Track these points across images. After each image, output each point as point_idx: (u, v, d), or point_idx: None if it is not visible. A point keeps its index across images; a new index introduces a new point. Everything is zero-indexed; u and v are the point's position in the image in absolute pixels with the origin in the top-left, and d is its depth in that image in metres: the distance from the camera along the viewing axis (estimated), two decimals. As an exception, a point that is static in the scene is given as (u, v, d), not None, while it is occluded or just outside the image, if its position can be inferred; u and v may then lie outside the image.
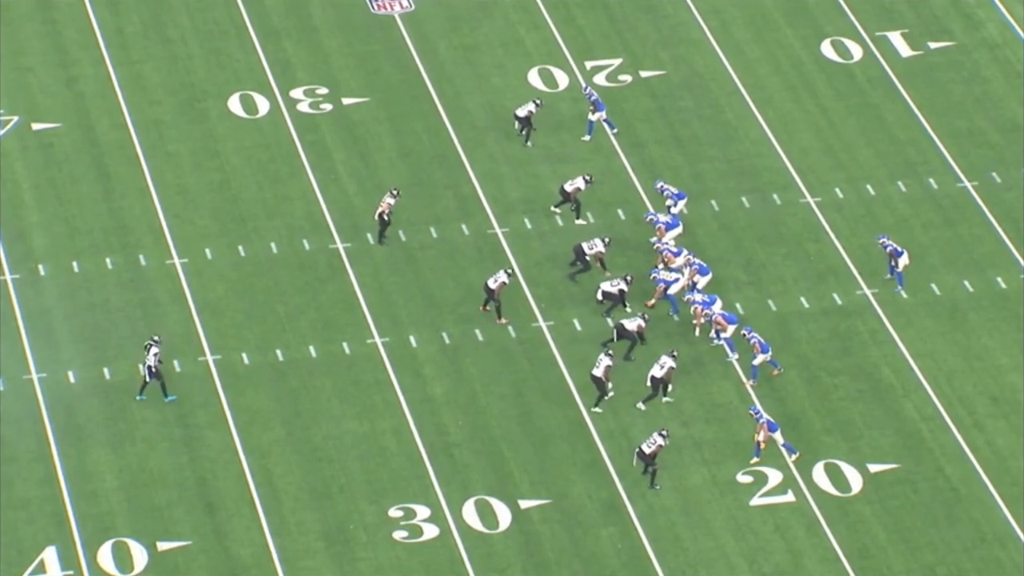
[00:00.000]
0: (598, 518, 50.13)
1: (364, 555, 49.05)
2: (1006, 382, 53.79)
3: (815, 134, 60.77)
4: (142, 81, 61.38)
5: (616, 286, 54.41)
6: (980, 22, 64.67)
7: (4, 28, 62.83)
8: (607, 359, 52.34)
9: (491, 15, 64.19)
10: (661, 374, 52.26)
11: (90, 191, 58.08)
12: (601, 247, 55.26)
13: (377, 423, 52.07)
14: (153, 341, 52.39)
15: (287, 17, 63.78)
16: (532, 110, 59.03)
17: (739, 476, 51.21)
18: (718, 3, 64.83)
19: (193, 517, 49.70)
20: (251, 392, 52.61)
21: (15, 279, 55.44)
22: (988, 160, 60.11)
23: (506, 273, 54.61)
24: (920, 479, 51.35)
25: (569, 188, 57.17)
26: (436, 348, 54.10)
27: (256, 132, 59.98)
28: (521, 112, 59.04)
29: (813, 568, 49.21)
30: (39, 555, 48.75)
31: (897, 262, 54.98)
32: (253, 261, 56.22)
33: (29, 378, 52.78)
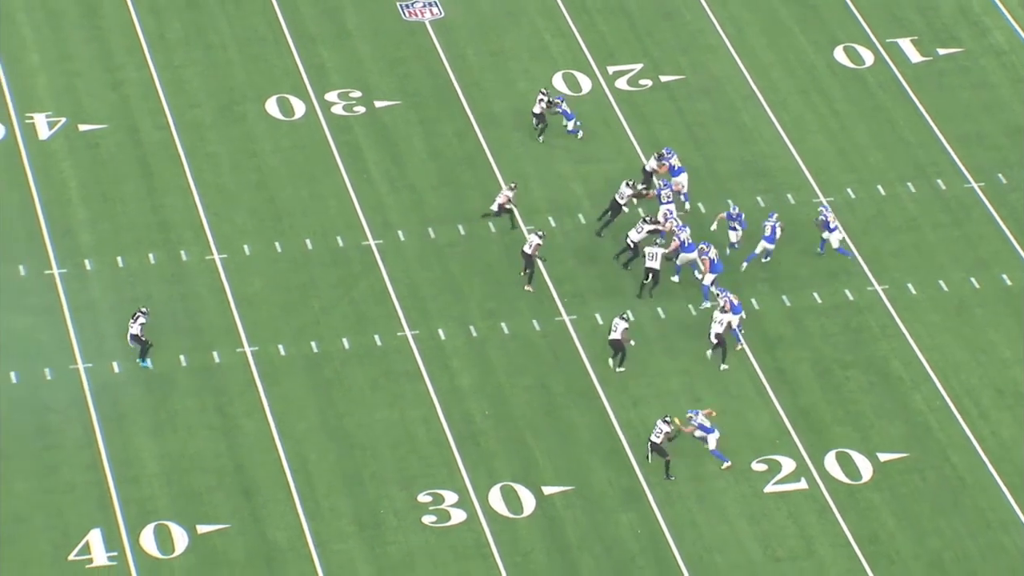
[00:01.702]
0: (618, 504, 50.23)
1: (394, 539, 49.19)
2: (1010, 375, 53.82)
3: (827, 136, 60.79)
4: (183, 85, 61.53)
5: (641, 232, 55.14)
6: (987, 29, 64.65)
7: (53, 34, 63.02)
8: (623, 323, 52.60)
9: (517, 22, 64.28)
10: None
11: (134, 190, 58.24)
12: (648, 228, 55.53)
13: (407, 412, 52.20)
14: (141, 312, 52.56)
15: (322, 23, 63.91)
16: (544, 105, 58.93)
17: (754, 464, 51.28)
18: (734, 10, 64.86)
19: (231, 501, 49.88)
20: (287, 382, 52.76)
21: (63, 273, 55.62)
22: (994, 162, 60.10)
23: (538, 235, 54.83)
24: (928, 468, 51.40)
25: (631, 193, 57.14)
26: (463, 341, 54.21)
27: (292, 133, 60.10)
28: (536, 109, 58.98)
29: (824, 553, 49.27)
30: (85, 537, 48.95)
31: (831, 238, 54.83)
32: (289, 257, 56.36)
33: (75, 368, 52.97)
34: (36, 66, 61.90)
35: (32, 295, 54.86)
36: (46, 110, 60.55)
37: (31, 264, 55.79)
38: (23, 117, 60.22)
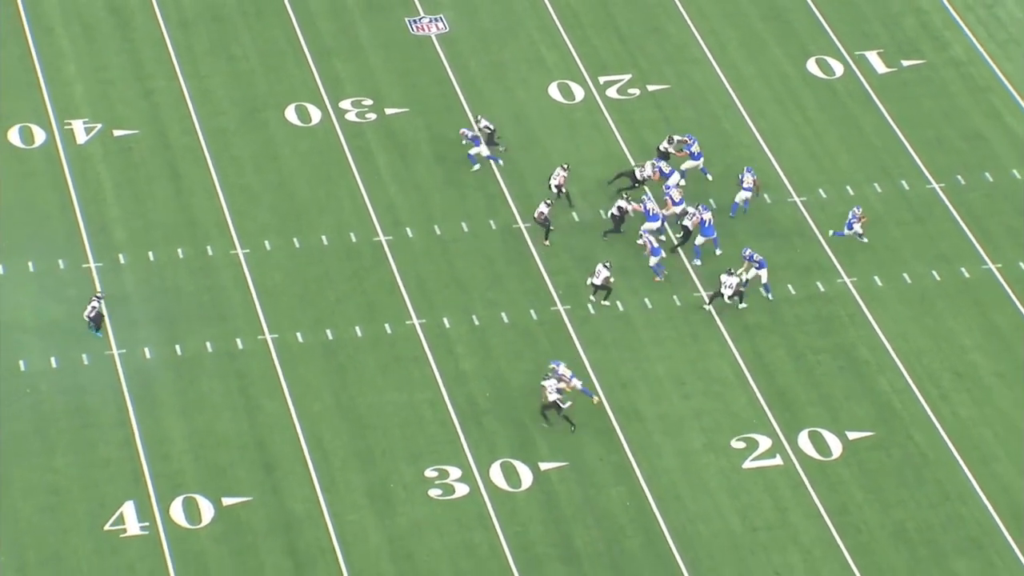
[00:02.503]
0: (609, 479, 50.25)
1: (403, 510, 49.22)
2: (968, 360, 53.85)
3: (801, 142, 60.77)
4: (209, 94, 61.50)
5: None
6: (947, 43, 64.63)
7: (88, 46, 62.99)
8: (605, 270, 53.68)
9: (516, 36, 64.27)
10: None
11: (163, 190, 58.23)
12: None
13: (415, 394, 52.21)
14: (96, 297, 52.53)
15: (337, 38, 63.89)
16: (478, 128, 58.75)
17: (733, 442, 51.31)
18: (716, 25, 64.82)
19: (253, 476, 49.91)
20: (304, 367, 52.78)
21: (99, 267, 55.62)
22: (954, 165, 60.09)
23: (546, 204, 55.78)
24: (892, 445, 51.45)
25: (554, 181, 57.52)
26: (466, 328, 54.22)
27: (309, 138, 60.08)
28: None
29: (798, 523, 49.31)
30: (119, 509, 48.99)
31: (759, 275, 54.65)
32: (306, 252, 56.36)
33: (110, 354, 52.98)
34: (73, 76, 61.88)
35: (71, 287, 54.87)
36: (83, 117, 60.53)
37: (70, 258, 55.78)
38: (62, 123, 60.22)
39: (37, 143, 59.59)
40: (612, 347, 53.72)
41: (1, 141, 59.51)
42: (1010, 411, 52.42)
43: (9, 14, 63.80)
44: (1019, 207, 58.63)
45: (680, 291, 55.38)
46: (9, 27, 63.36)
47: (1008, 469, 50.87)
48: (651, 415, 51.90)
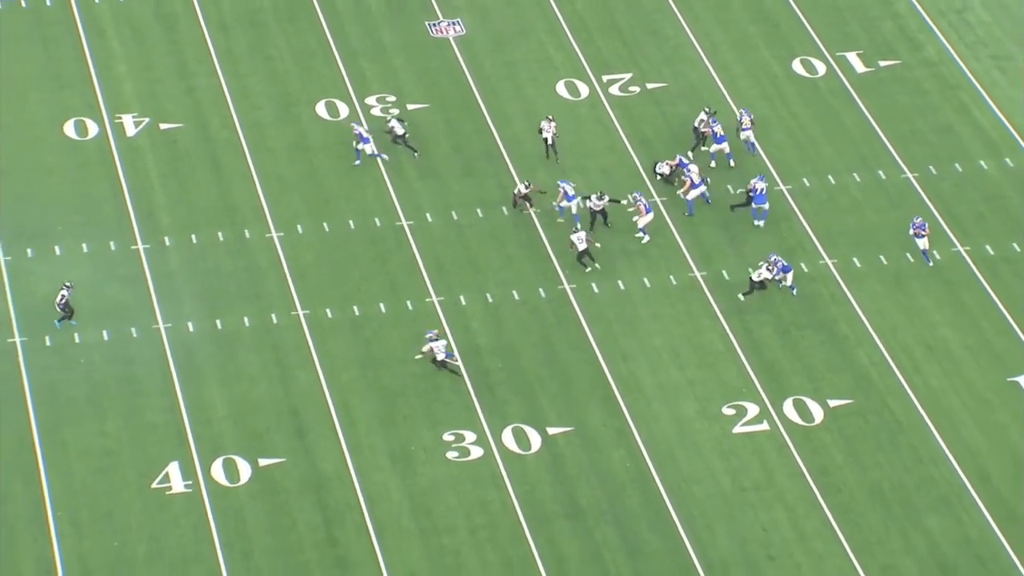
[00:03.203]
0: (611, 442, 50.23)
1: (423, 471, 49.23)
2: (939, 335, 53.76)
3: (787, 134, 60.63)
4: (247, 90, 61.45)
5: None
6: (921, 44, 64.44)
7: (137, 47, 62.95)
8: (585, 234, 54.16)
9: (527, 38, 64.14)
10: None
11: (205, 178, 58.21)
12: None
13: (433, 365, 52.12)
14: (66, 286, 52.22)
15: (363, 40, 63.80)
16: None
17: (724, 409, 51.27)
18: (709, 29, 64.65)
19: (287, 439, 49.94)
20: (333, 340, 52.76)
21: (146, 248, 55.62)
22: (926, 156, 59.93)
23: (524, 185, 56.07)
24: (870, 412, 51.39)
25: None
26: (481, 306, 54.17)
27: (338, 131, 59.99)
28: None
29: (783, 483, 49.27)
30: (165, 468, 49.05)
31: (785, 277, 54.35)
32: (335, 235, 56.31)
33: (157, 328, 53.00)
34: (124, 75, 61.85)
35: (120, 267, 54.89)
36: (132, 111, 60.50)
37: (120, 241, 55.80)
38: (113, 118, 60.19)
39: (91, 135, 59.59)
40: (614, 322, 53.66)
41: (58, 134, 59.52)
42: (977, 381, 52.34)
43: (65, 18, 63.81)
44: (986, 195, 58.49)
45: (676, 272, 55.30)
46: (65, 30, 63.37)
47: (975, 434, 50.80)
48: (649, 384, 51.84)
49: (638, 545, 47.69)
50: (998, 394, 51.91)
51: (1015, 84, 62.79)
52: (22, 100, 60.47)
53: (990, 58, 63.93)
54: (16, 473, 48.76)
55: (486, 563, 47.18)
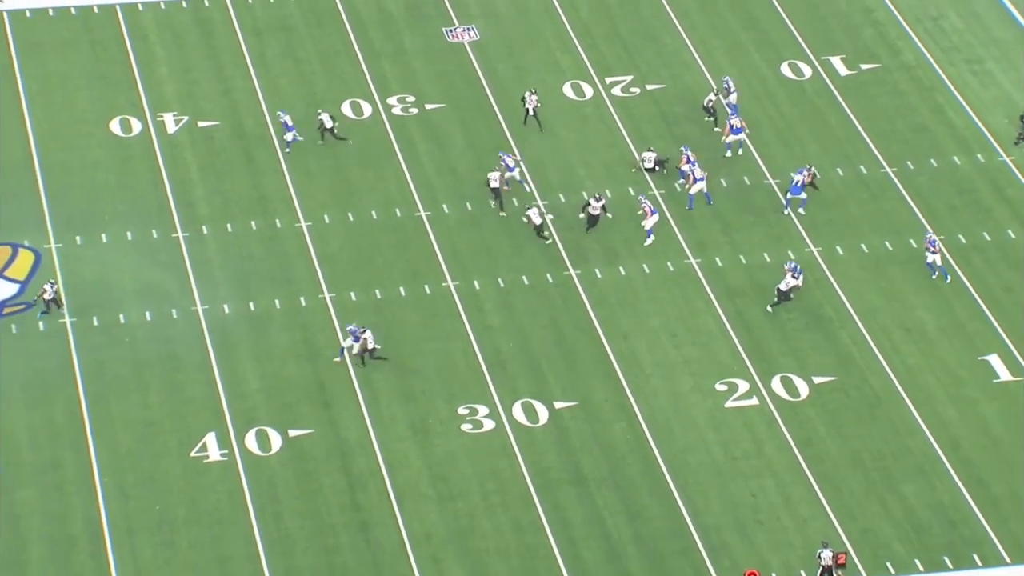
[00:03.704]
0: (612, 416, 50.28)
1: (439, 442, 49.31)
2: (916, 317, 53.75)
3: (775, 133, 60.59)
4: (278, 91, 61.48)
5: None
6: (899, 50, 64.36)
7: (178, 51, 62.98)
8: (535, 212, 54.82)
9: (536, 43, 64.11)
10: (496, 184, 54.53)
11: (239, 172, 58.27)
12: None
13: (449, 344, 52.22)
14: (49, 283, 51.99)
15: (385, 44, 63.80)
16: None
17: (717, 385, 51.30)
18: (704, 35, 64.58)
19: (315, 412, 50.03)
20: (357, 321, 52.76)
21: (185, 236, 55.70)
22: (904, 153, 59.88)
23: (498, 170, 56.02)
24: (851, 388, 51.40)
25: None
26: (494, 290, 54.20)
27: (361, 129, 60.03)
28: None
29: (771, 453, 49.31)
30: (203, 439, 49.16)
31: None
32: (359, 224, 56.36)
33: (195, 309, 53.08)
34: (165, 76, 61.90)
35: (162, 253, 54.97)
36: (173, 110, 60.55)
37: (161, 229, 55.87)
38: (155, 116, 60.24)
39: (134, 132, 59.64)
40: (615, 305, 53.68)
41: (104, 131, 59.60)
42: (950, 360, 52.33)
43: (112, 25, 63.87)
44: (959, 188, 58.43)
45: (673, 259, 55.30)
46: (111, 35, 63.43)
47: (948, 409, 50.81)
48: (648, 362, 51.88)
49: (637, 510, 47.76)
50: (969, 371, 51.90)
51: (986, 86, 62.70)
52: (72, 99, 60.58)
53: (963, 62, 63.84)
54: (67, 442, 48.91)
55: (497, 525, 47.27)
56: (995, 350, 52.55)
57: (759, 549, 46.83)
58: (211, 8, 64.84)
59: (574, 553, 46.65)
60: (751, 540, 47.04)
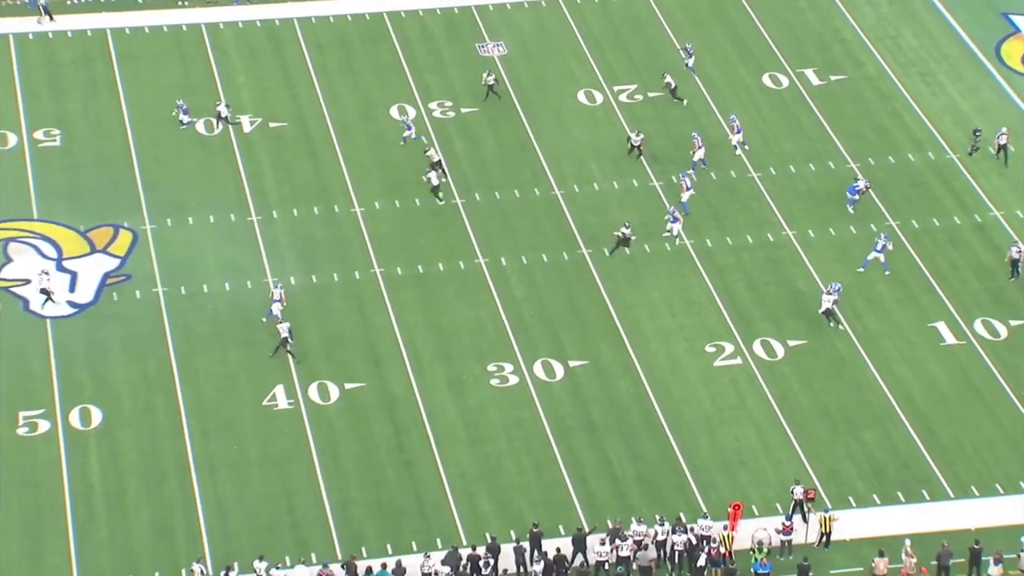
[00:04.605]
0: (618, 373, 50.14)
1: (472, 394, 49.23)
2: (875, 290, 53.45)
3: (757, 134, 60.16)
4: (337, 97, 61.26)
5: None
6: (863, 63, 63.84)
7: (253, 63, 62.78)
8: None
9: (553, 56, 63.75)
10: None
11: (304, 165, 58.12)
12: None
13: (480, 312, 52.08)
14: (44, 273, 51.25)
15: (427, 58, 63.49)
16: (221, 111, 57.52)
17: (706, 347, 51.09)
18: (697, 50, 63.96)
19: (367, 367, 50.00)
20: (402, 292, 52.72)
21: (259, 220, 55.57)
22: (866, 150, 59.43)
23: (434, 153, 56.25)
24: (820, 350, 51.19)
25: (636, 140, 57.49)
26: (518, 266, 54.00)
27: (407, 129, 59.77)
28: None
29: (753, 405, 49.16)
30: (273, 390, 49.18)
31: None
32: (405, 210, 56.16)
33: (266, 281, 53.00)
34: (242, 84, 61.72)
35: (239, 233, 54.89)
36: (248, 113, 60.38)
37: (238, 213, 55.77)
38: (234, 117, 60.07)
39: (216, 132, 59.50)
40: (621, 280, 53.45)
41: (191, 130, 59.48)
42: (904, 326, 52.04)
43: (197, 40, 63.72)
44: (912, 181, 58.03)
45: (670, 241, 55.00)
46: (197, 49, 63.27)
47: (902, 368, 50.57)
48: (649, 328, 51.66)
49: (639, 452, 47.63)
50: (921, 336, 51.61)
51: (936, 95, 62.21)
52: (164, 104, 60.44)
53: (917, 74, 63.32)
54: (159, 391, 48.96)
55: (520, 465, 47.19)
56: (942, 318, 52.23)
57: (742, 486, 46.70)
58: (281, 27, 64.61)
59: (585, 489, 46.56)
60: (735, 478, 46.91)
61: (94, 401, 48.41)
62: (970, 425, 48.63)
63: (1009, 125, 59.75)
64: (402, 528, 45.22)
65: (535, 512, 45.61)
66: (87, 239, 54.18)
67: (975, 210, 56.61)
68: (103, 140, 58.48)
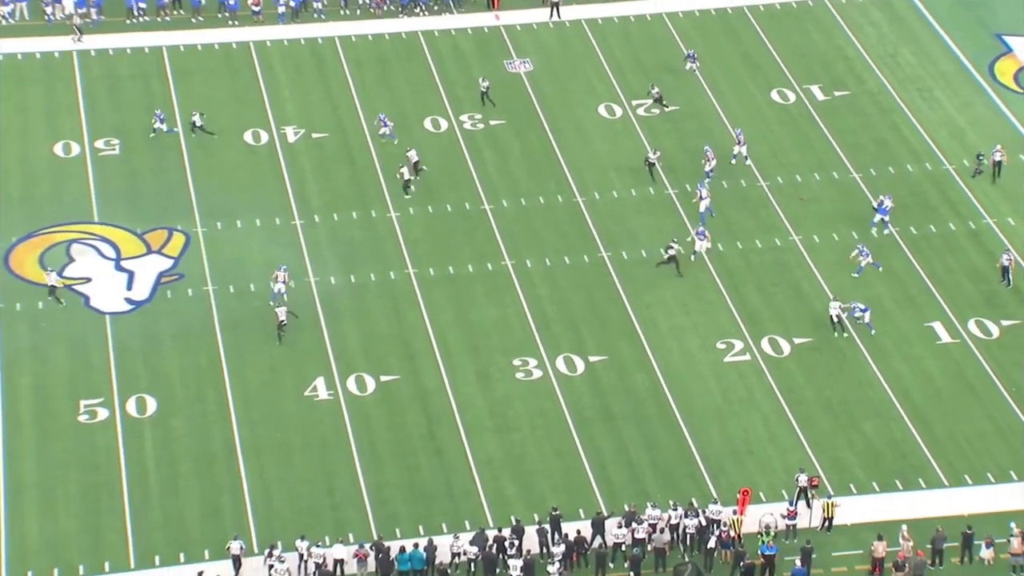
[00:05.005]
0: (635, 368, 49.97)
1: (498, 386, 49.13)
2: (874, 292, 53.18)
3: (767, 146, 59.87)
4: (375, 109, 61.15)
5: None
6: (864, 80, 63.45)
7: (297, 77, 62.74)
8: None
9: (576, 73, 63.56)
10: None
11: (344, 172, 58.08)
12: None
13: (506, 310, 51.97)
14: (49, 271, 51.21)
15: (459, 74, 63.33)
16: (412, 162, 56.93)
17: (718, 344, 50.85)
18: (710, 67, 63.71)
19: (401, 362, 49.94)
20: (434, 292, 52.63)
21: (301, 223, 55.56)
22: (867, 161, 59.07)
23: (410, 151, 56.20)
24: (824, 347, 50.92)
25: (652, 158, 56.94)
26: (542, 267, 53.84)
27: (439, 140, 59.69)
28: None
29: (760, 398, 48.95)
30: (314, 382, 49.16)
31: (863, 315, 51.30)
32: (438, 215, 56.05)
33: (308, 280, 53.02)
34: (287, 97, 61.73)
35: (284, 236, 54.89)
36: (292, 124, 60.37)
37: (282, 217, 55.78)
38: (279, 129, 60.09)
39: (263, 142, 59.51)
40: (639, 281, 53.26)
41: (240, 140, 59.53)
42: (902, 325, 51.74)
43: (246, 57, 63.79)
44: (910, 190, 57.65)
45: (685, 245, 54.65)
46: (245, 65, 63.37)
47: (900, 364, 50.28)
48: (664, 326, 51.46)
49: (654, 442, 47.45)
50: (917, 335, 51.28)
51: (933, 109, 61.80)
52: (216, 115, 60.51)
53: (915, 90, 62.90)
54: (209, 382, 48.99)
55: (543, 453, 47.06)
56: (938, 318, 51.86)
57: (750, 473, 46.46)
58: (323, 45, 64.60)
59: (604, 475, 46.39)
60: (743, 466, 46.69)
61: (149, 391, 48.48)
62: (963, 418, 48.29)
63: (1001, 138, 59.37)
64: (433, 511, 45.14)
65: (556, 496, 45.45)
66: (143, 241, 54.27)
67: (969, 218, 56.21)
68: (158, 149, 58.58)
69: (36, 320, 50.73)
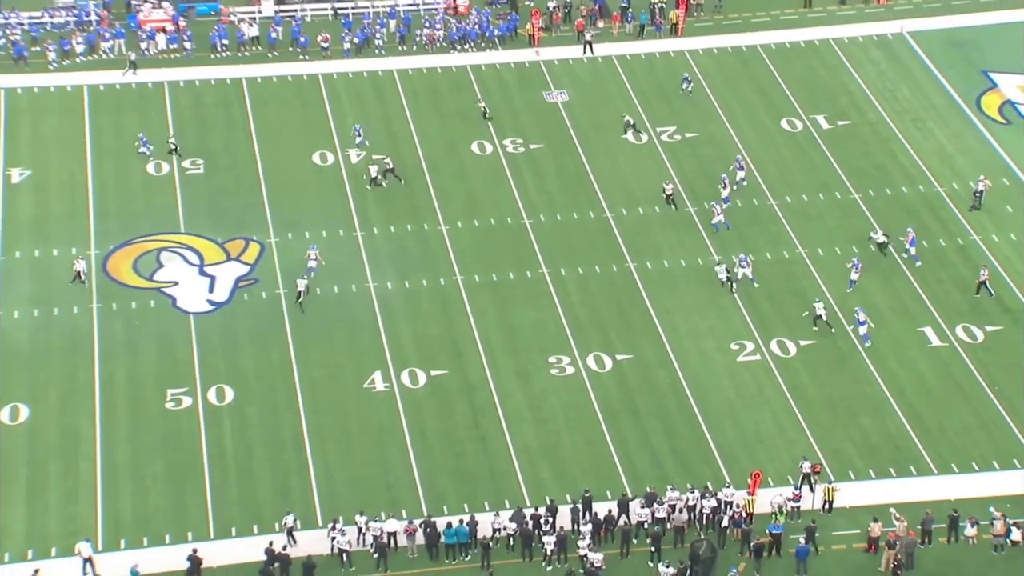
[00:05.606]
0: (657, 366, 49.92)
1: (535, 382, 49.18)
2: (872, 300, 52.91)
3: (776, 167, 59.64)
4: (427, 133, 61.32)
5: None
6: (865, 111, 63.08)
7: (360, 105, 62.80)
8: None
9: (607, 103, 63.47)
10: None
11: (400, 190, 58.18)
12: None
13: (542, 313, 52.00)
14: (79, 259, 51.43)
15: (502, 102, 63.34)
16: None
17: (731, 345, 50.73)
18: (725, 98, 63.51)
19: (449, 359, 50.04)
20: (480, 297, 52.71)
21: (362, 235, 55.73)
22: (867, 183, 58.73)
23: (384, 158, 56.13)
24: (827, 349, 50.73)
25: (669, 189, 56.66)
26: (575, 275, 53.85)
27: (484, 162, 59.79)
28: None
29: (770, 394, 48.80)
30: (371, 375, 49.32)
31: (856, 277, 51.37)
32: (482, 229, 56.12)
33: (367, 285, 53.21)
34: (350, 123, 61.99)
35: (346, 246, 55.11)
36: (354, 148, 60.67)
37: (345, 229, 56.00)
38: (343, 151, 60.36)
39: (328, 162, 59.78)
40: (661, 288, 53.18)
41: (308, 161, 59.81)
42: (897, 331, 51.47)
43: (315, 88, 64.07)
44: (906, 209, 57.34)
45: (702, 257, 54.67)
46: (314, 95, 63.67)
47: (895, 364, 50.04)
48: (683, 329, 51.38)
49: (673, 432, 47.42)
50: (911, 339, 51.00)
51: (926, 138, 61.39)
52: (288, 140, 60.90)
53: (910, 121, 62.51)
54: (279, 376, 49.29)
55: (575, 442, 47.09)
56: (929, 324, 51.57)
57: (759, 461, 46.35)
58: (383, 77, 64.84)
59: (629, 462, 46.40)
60: (753, 454, 46.61)
61: (227, 382, 48.84)
62: (951, 413, 48.02)
63: (987, 165, 59.00)
64: (476, 491, 45.27)
65: (586, 480, 45.52)
66: (224, 249, 54.69)
67: (957, 234, 55.84)
68: (238, 169, 59.00)
69: (130, 319, 51.22)
